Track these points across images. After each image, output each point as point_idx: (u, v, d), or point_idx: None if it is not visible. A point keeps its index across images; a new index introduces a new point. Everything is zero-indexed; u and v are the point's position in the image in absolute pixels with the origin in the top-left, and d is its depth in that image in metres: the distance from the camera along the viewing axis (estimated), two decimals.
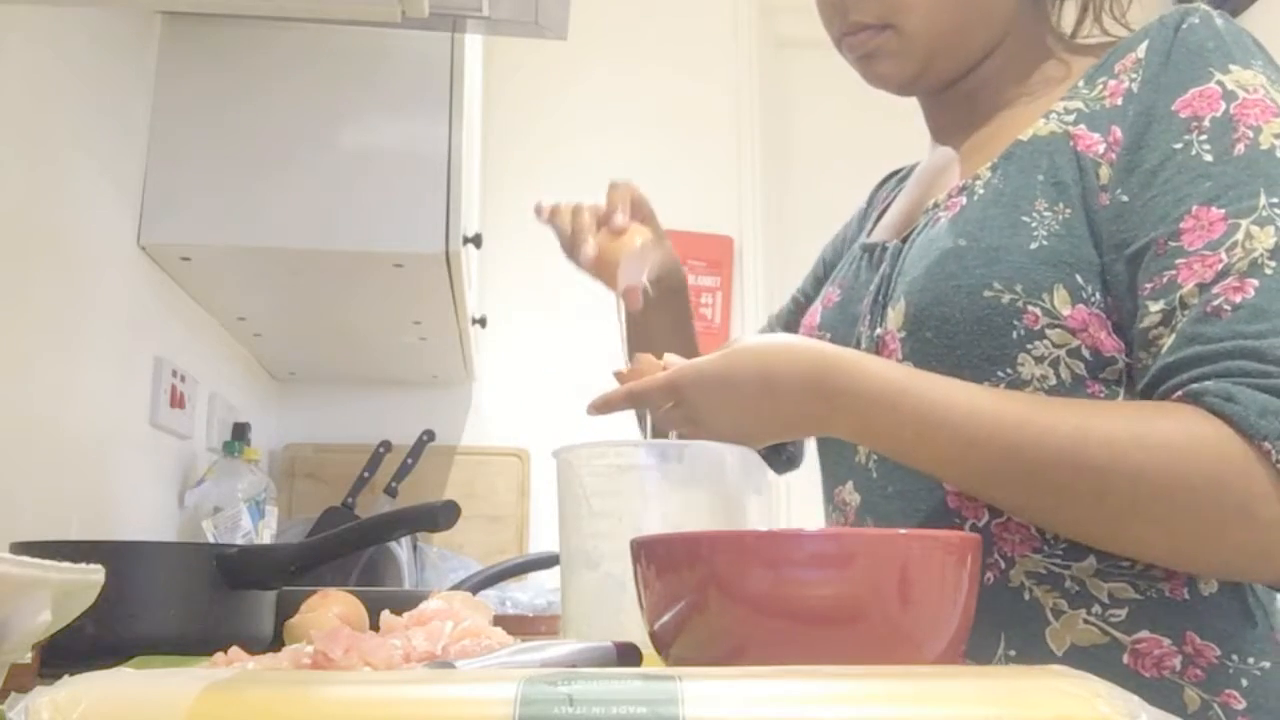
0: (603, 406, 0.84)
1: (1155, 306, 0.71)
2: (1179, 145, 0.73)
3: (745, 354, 0.78)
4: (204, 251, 1.53)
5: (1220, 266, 0.69)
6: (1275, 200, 0.69)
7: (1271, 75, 0.75)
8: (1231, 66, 0.74)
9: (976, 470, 0.72)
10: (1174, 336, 0.70)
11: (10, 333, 1.14)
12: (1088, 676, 0.38)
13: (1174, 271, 0.70)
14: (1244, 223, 0.69)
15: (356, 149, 1.54)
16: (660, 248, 1.02)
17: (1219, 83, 0.74)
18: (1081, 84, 0.81)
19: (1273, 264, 0.67)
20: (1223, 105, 0.73)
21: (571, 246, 0.97)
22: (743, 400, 0.77)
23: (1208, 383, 0.67)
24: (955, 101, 0.92)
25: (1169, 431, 0.67)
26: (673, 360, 0.85)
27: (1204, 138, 0.72)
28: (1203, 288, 0.69)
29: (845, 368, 0.75)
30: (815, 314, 1.00)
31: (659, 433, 0.84)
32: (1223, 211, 0.70)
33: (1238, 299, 0.67)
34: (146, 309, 1.54)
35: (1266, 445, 0.64)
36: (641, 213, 0.99)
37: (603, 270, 0.93)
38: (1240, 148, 0.71)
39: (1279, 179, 0.70)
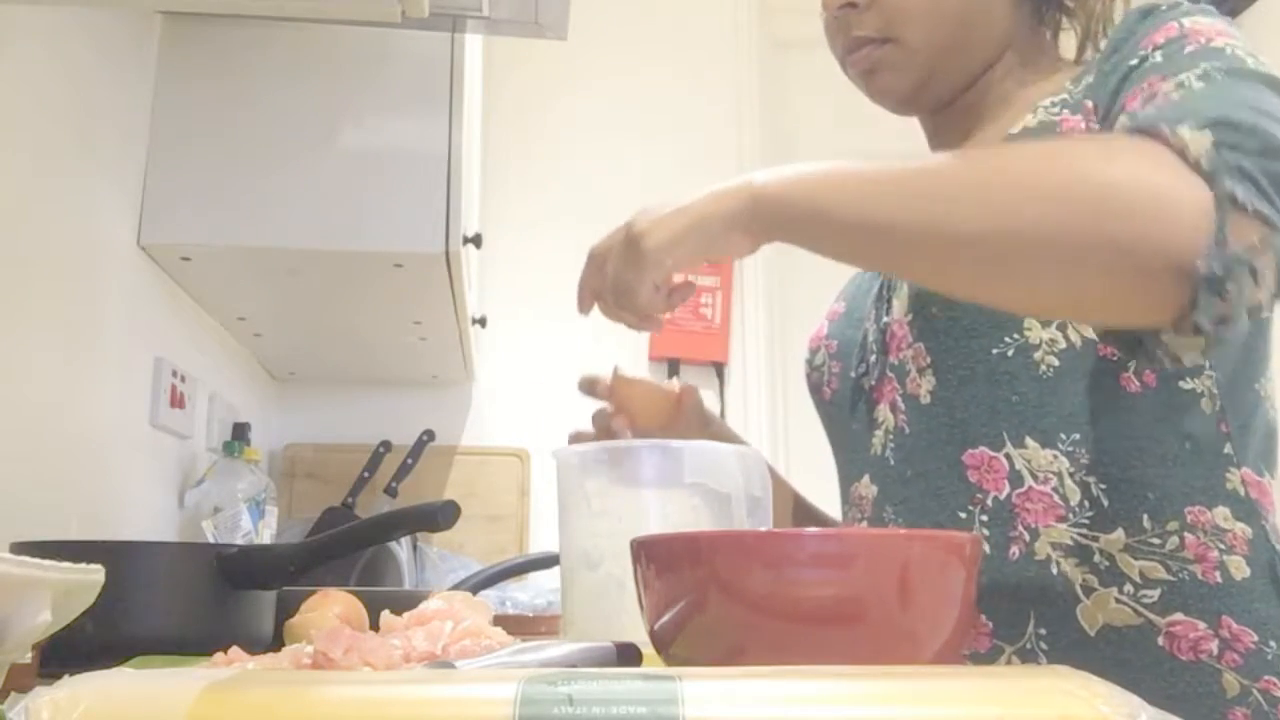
0: (584, 307, 0.84)
1: None
2: (1134, 61, 0.76)
3: None
4: (204, 251, 1.52)
5: (1153, 93, 0.72)
6: (1216, 65, 0.71)
7: (1232, 28, 0.78)
8: (1187, 16, 0.77)
9: (887, 195, 0.69)
10: None
11: (10, 333, 1.14)
12: (1089, 676, 0.38)
13: (1121, 119, 0.73)
14: (1184, 74, 0.71)
15: (356, 149, 1.54)
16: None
17: (1177, 22, 0.77)
18: (1069, 83, 0.84)
19: (1200, 84, 0.69)
20: (1178, 30, 0.76)
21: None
22: (676, 201, 0.75)
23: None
24: (954, 120, 0.93)
25: (1063, 138, 0.70)
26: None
27: (1158, 51, 0.75)
28: (1133, 115, 0.71)
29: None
30: (822, 326, 1.01)
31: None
32: (1162, 75, 0.73)
33: (1163, 101, 0.70)
34: (146, 309, 1.54)
35: (1162, 128, 0.64)
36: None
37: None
38: (1191, 47, 0.74)
39: (1220, 56, 0.72)
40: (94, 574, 0.54)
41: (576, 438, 0.97)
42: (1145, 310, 0.64)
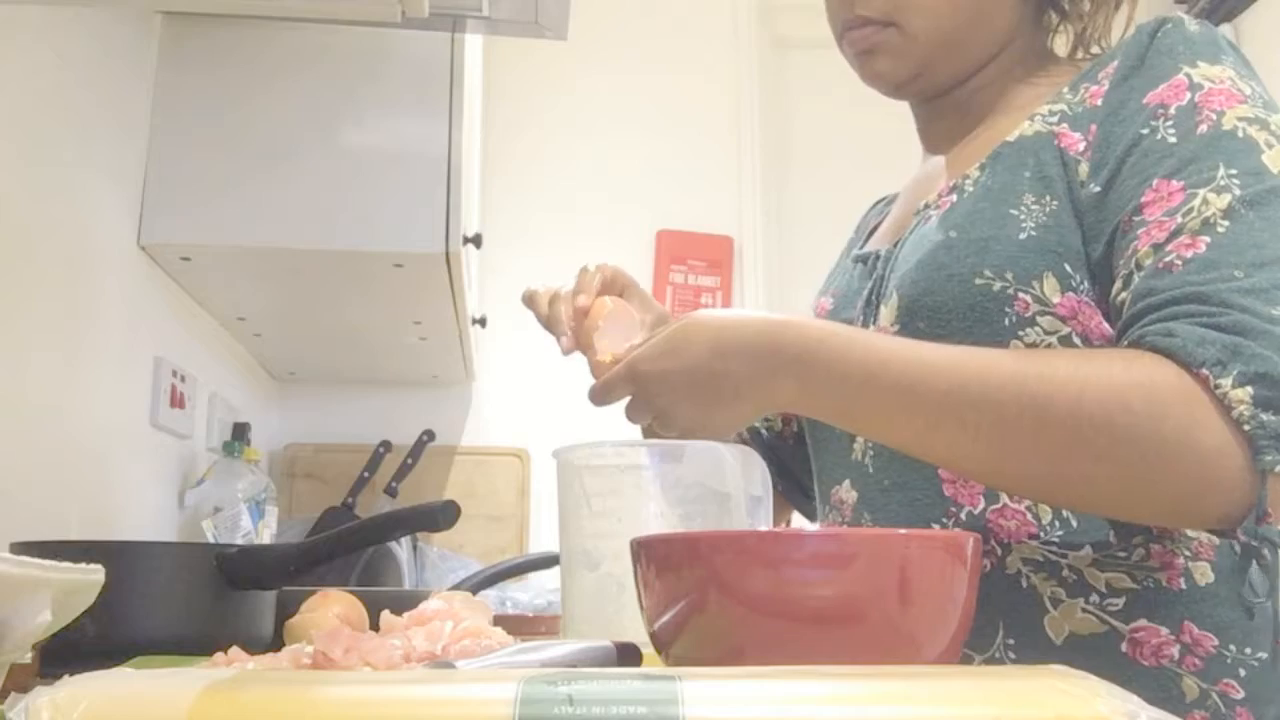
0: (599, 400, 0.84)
1: (1119, 275, 0.73)
2: (1145, 131, 0.75)
3: (695, 325, 0.77)
4: (204, 251, 1.52)
5: (1174, 227, 0.70)
6: (1234, 172, 0.71)
7: (1240, 70, 0.77)
8: (1199, 63, 0.76)
9: (922, 415, 0.71)
10: (1130, 295, 0.72)
11: (11, 333, 1.14)
12: (1087, 676, 0.38)
13: (1136, 241, 0.72)
14: (1201, 191, 0.71)
15: (356, 149, 1.54)
16: (645, 311, 0.97)
17: (1186, 75, 0.76)
18: (1066, 90, 0.83)
19: (1225, 223, 0.69)
20: (1188, 95, 0.75)
21: (554, 335, 0.95)
22: (694, 370, 0.75)
23: (1151, 326, 0.68)
24: (946, 110, 0.92)
25: (1107, 365, 0.68)
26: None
27: (1169, 123, 0.74)
28: (1156, 248, 0.71)
29: (793, 325, 0.75)
30: None
31: (648, 432, 0.84)
32: (1181, 183, 0.72)
33: (1189, 254, 0.69)
34: (146, 309, 1.54)
35: (1204, 372, 0.64)
36: (619, 285, 0.96)
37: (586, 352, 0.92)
38: (1203, 128, 0.73)
39: (1239, 154, 0.71)
40: (94, 574, 0.54)
41: (530, 298, 0.98)
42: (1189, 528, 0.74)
